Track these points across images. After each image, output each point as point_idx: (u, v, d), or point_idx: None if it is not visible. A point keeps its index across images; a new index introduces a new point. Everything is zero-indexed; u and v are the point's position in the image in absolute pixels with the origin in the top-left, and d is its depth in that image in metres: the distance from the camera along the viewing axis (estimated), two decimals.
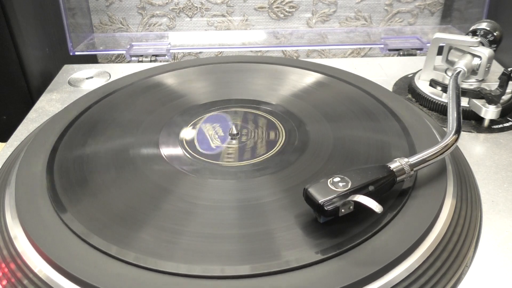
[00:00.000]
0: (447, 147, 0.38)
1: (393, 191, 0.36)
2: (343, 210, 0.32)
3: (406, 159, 0.36)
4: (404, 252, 0.31)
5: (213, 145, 0.44)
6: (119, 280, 0.30)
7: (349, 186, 0.32)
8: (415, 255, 0.32)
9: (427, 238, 0.33)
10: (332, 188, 0.32)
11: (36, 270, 0.32)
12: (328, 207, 0.31)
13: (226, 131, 0.46)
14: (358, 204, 0.32)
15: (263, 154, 0.42)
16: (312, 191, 0.32)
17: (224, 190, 0.38)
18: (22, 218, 0.35)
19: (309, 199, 0.32)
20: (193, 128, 0.47)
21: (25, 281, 0.32)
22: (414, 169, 0.36)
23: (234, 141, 0.45)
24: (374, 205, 0.30)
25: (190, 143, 0.44)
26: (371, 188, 0.33)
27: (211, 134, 0.46)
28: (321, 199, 0.31)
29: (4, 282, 0.32)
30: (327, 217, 0.32)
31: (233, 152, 0.43)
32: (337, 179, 0.33)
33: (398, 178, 0.35)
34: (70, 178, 0.39)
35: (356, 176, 0.33)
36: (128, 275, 0.30)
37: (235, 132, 0.45)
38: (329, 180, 0.33)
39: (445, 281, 0.32)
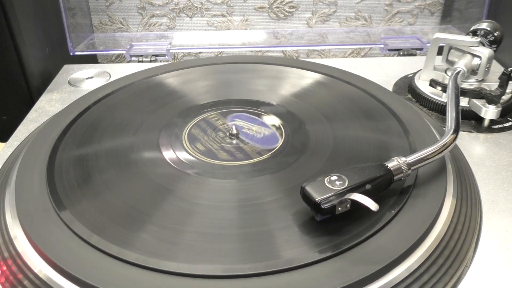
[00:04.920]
0: (445, 147, 0.38)
1: (393, 190, 0.36)
2: (340, 209, 0.32)
3: (403, 158, 0.36)
4: (404, 252, 0.31)
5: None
6: (119, 280, 0.30)
7: (346, 185, 0.32)
8: (415, 255, 0.32)
9: (427, 238, 0.33)
10: (329, 187, 0.32)
11: (36, 270, 0.32)
12: (325, 205, 0.31)
13: (226, 131, 0.46)
14: (355, 203, 0.32)
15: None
16: (309, 189, 0.32)
17: (224, 190, 0.38)
18: (22, 218, 0.35)
19: (306, 197, 0.32)
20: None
21: (25, 281, 0.32)
22: (412, 168, 0.36)
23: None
24: (371, 204, 0.30)
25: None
26: (368, 186, 0.33)
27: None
28: (318, 197, 0.32)
29: (4, 282, 0.32)
30: (324, 215, 0.33)
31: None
32: (334, 177, 0.33)
33: (396, 177, 0.35)
34: (70, 178, 0.39)
35: (353, 174, 0.33)
36: (129, 275, 0.30)
37: (235, 132, 0.45)
38: (326, 179, 0.33)
39: (445, 281, 0.32)
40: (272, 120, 0.48)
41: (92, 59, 0.82)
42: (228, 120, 0.48)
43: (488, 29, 0.54)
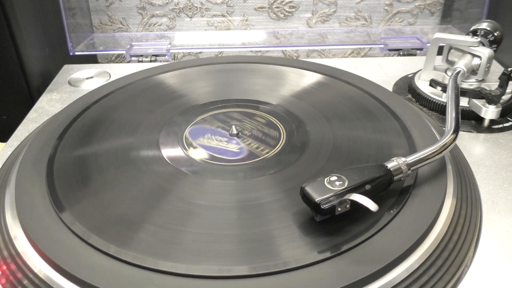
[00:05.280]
0: (445, 147, 0.38)
1: (393, 191, 0.36)
2: (339, 209, 0.32)
3: (403, 158, 0.36)
4: (404, 252, 0.31)
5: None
6: (119, 280, 0.30)
7: (345, 185, 0.32)
8: (415, 255, 0.32)
9: (427, 238, 0.33)
10: (328, 187, 0.32)
11: (36, 270, 0.32)
12: (325, 206, 0.31)
13: (226, 131, 0.46)
14: (354, 203, 0.32)
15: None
16: (309, 189, 0.32)
17: (224, 190, 0.38)
18: (22, 218, 0.35)
19: (306, 198, 0.32)
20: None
21: (25, 281, 0.32)
22: (412, 168, 0.36)
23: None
24: (370, 204, 0.30)
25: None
26: (367, 187, 0.33)
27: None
28: (317, 198, 0.32)
29: (4, 282, 0.32)
30: (324, 215, 0.32)
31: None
32: (333, 178, 0.33)
33: (395, 177, 0.35)
34: (70, 178, 0.39)
35: (353, 175, 0.33)
36: (128, 275, 0.30)
37: (235, 132, 0.45)
38: (325, 179, 0.33)
39: (445, 281, 0.32)
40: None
41: (92, 59, 0.82)
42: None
43: (488, 29, 0.54)
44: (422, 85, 0.56)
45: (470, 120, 0.51)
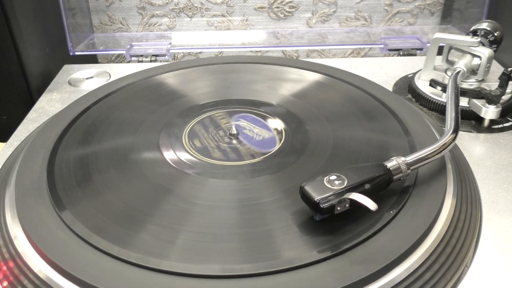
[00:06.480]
0: (444, 146, 0.38)
1: (393, 190, 0.36)
2: (338, 208, 0.32)
3: (403, 158, 0.36)
4: (404, 252, 0.31)
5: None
6: (119, 280, 0.30)
7: (345, 184, 0.32)
8: (415, 255, 0.32)
9: (427, 238, 0.33)
10: (328, 186, 0.32)
11: (36, 270, 0.32)
12: (324, 205, 0.31)
13: (226, 131, 0.46)
14: (354, 202, 0.32)
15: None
16: (308, 189, 0.32)
17: (224, 190, 0.38)
18: (22, 218, 0.35)
19: (305, 197, 0.32)
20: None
21: (25, 281, 0.32)
22: (411, 168, 0.36)
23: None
24: (369, 203, 0.31)
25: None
26: (367, 186, 0.33)
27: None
28: (317, 197, 0.32)
29: (5, 283, 0.32)
30: (323, 214, 0.33)
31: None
32: (333, 177, 0.33)
33: (395, 177, 0.35)
34: (70, 178, 0.39)
35: (352, 174, 0.33)
36: (128, 275, 0.30)
37: (235, 132, 0.45)
38: (325, 178, 0.33)
39: (445, 281, 0.32)
40: (272, 120, 0.48)
41: (92, 59, 0.82)
42: (227, 120, 0.48)
43: (488, 29, 0.54)
44: (422, 85, 0.56)
45: (470, 120, 0.51)
